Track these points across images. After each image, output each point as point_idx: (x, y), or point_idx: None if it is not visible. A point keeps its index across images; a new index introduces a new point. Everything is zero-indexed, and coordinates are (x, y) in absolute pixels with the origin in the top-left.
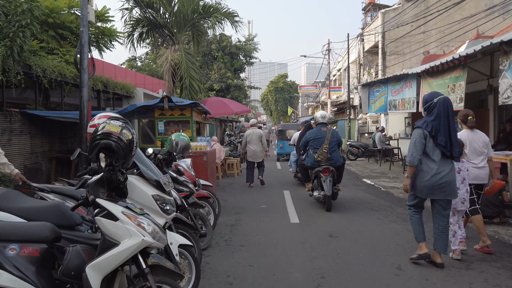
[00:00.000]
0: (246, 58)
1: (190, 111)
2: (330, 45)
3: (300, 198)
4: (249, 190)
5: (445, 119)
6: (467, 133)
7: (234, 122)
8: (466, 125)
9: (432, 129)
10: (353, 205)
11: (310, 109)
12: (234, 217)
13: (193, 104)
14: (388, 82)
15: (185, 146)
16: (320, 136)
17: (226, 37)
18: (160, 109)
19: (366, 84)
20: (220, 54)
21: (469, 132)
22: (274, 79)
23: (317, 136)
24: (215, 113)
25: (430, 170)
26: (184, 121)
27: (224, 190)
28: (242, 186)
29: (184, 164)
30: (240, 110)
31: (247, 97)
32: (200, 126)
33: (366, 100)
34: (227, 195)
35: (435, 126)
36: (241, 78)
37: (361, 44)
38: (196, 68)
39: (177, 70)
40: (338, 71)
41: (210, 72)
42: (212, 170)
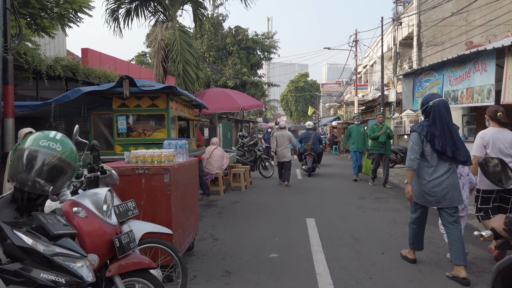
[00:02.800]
0: (264, 53)
1: (165, 100)
2: (357, 35)
3: (333, 233)
4: (256, 216)
5: (441, 124)
6: (493, 132)
7: (251, 123)
8: (495, 122)
9: (427, 133)
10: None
11: (332, 109)
12: (219, 283)
13: (168, 90)
14: (445, 67)
15: (52, 165)
16: (307, 136)
17: (242, 30)
18: (121, 97)
19: (410, 73)
20: (236, 48)
21: (496, 130)
22: (295, 78)
23: (306, 136)
24: (216, 108)
25: (428, 176)
26: (157, 116)
27: (220, 217)
28: (248, 207)
29: (89, 201)
30: (248, 104)
31: (264, 95)
32: (190, 124)
33: (409, 93)
34: (222, 226)
35: (431, 131)
36: (258, 74)
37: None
38: (193, 51)
39: (169, 53)
40: (363, 68)
41: (224, 68)
42: (189, 197)
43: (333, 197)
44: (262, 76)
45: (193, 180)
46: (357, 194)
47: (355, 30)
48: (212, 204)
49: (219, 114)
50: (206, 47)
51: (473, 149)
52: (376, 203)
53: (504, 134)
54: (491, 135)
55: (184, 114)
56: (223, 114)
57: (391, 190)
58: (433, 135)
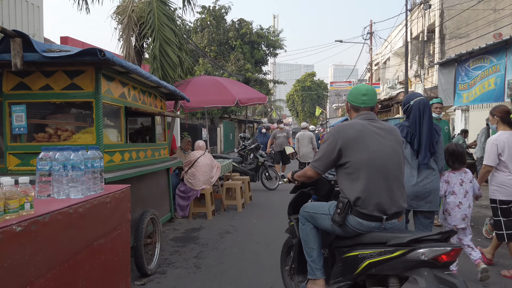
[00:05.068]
0: (270, 48)
1: (94, 78)
2: (372, 27)
3: None
4: (254, 267)
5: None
6: (507, 136)
7: (255, 123)
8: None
9: (407, 134)
10: None
11: (340, 110)
12: None
13: (92, 58)
14: (510, 47)
15: None
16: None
17: (246, 23)
18: (18, 73)
19: (450, 61)
20: (239, 43)
21: (509, 134)
22: (301, 78)
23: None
24: (203, 101)
25: (411, 178)
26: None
27: (197, 267)
28: (243, 243)
29: None
30: (246, 96)
31: (269, 93)
32: (159, 123)
33: (449, 85)
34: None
35: (411, 131)
36: (263, 71)
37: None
38: (176, 27)
39: (143, 30)
40: (375, 66)
41: (226, 63)
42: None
43: None
44: (267, 73)
45: (106, 241)
46: None
47: (370, 21)
48: (191, 237)
49: (219, 114)
50: (207, 41)
51: (485, 157)
52: None
53: None
54: (505, 141)
55: (143, 106)
56: (225, 114)
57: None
58: (413, 134)
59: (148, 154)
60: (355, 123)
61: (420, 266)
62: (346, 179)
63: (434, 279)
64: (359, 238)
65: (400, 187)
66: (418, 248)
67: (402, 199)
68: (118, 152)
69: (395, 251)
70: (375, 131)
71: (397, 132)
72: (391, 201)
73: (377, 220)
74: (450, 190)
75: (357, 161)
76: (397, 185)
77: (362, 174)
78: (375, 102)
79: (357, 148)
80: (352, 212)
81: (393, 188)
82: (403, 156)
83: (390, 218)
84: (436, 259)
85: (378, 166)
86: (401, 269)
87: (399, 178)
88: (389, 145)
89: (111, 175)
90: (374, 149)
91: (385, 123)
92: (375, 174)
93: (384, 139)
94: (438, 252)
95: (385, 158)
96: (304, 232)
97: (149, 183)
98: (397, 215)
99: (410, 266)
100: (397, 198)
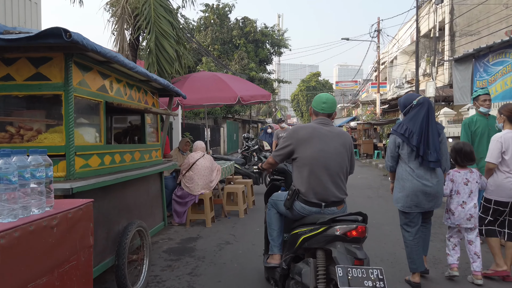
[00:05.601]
0: (274, 47)
1: (62, 67)
2: (380, 24)
3: None
4: (259, 285)
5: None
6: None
7: (259, 123)
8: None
9: (406, 130)
10: None
11: (345, 110)
12: None
13: (56, 40)
14: None
15: None
16: None
17: (250, 22)
18: None
19: (467, 56)
20: (243, 41)
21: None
22: (306, 78)
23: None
24: (201, 99)
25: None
26: (48, 99)
27: (191, 285)
28: (245, 256)
29: None
30: (249, 93)
31: (274, 93)
32: (149, 121)
33: (465, 82)
34: None
35: (410, 127)
36: (268, 71)
37: (436, 10)
38: (174, 19)
39: (138, 21)
40: (382, 65)
41: (230, 62)
42: None
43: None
44: (272, 73)
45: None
46: None
47: (378, 18)
48: (186, 249)
49: (223, 113)
50: (211, 40)
51: (488, 154)
52: None
53: None
54: (510, 140)
55: (128, 102)
56: (228, 114)
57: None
58: (411, 131)
59: (136, 156)
60: (309, 126)
61: (335, 240)
62: (296, 171)
63: (344, 250)
64: (303, 220)
65: (339, 181)
66: (334, 225)
67: (341, 191)
68: (96, 155)
69: (319, 228)
70: (324, 133)
71: (345, 136)
72: (329, 192)
73: (317, 206)
74: (455, 189)
75: (304, 157)
76: (336, 179)
77: (307, 168)
78: (332, 110)
79: (305, 146)
80: (298, 199)
81: (332, 181)
82: (349, 157)
83: (329, 206)
84: (347, 234)
85: (320, 163)
86: (323, 242)
87: (339, 174)
88: (334, 146)
89: (81, 183)
90: (319, 149)
91: (337, 128)
92: (317, 169)
93: (331, 141)
94: (347, 229)
95: (327, 157)
96: (269, 216)
97: (137, 190)
98: (336, 203)
99: (329, 240)
100: (334, 189)
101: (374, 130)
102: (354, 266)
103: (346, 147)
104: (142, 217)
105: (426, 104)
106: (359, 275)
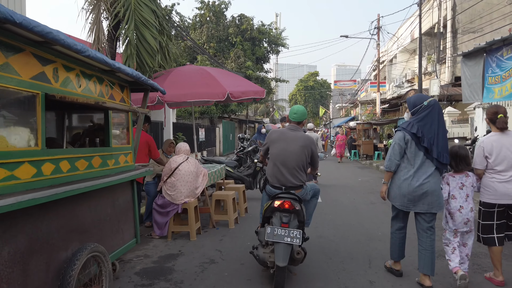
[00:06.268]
0: (271, 45)
1: None
2: (380, 21)
3: None
4: None
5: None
6: (496, 138)
7: (257, 123)
8: (495, 126)
9: (418, 130)
10: None
11: (343, 110)
12: None
13: None
14: None
15: None
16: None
17: (246, 19)
18: None
19: (478, 50)
20: (239, 39)
21: (499, 135)
22: (304, 77)
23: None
24: (185, 95)
25: (406, 176)
26: None
27: None
28: (230, 282)
29: None
30: (240, 89)
31: (271, 92)
32: (129, 119)
33: (476, 79)
34: None
35: (421, 127)
36: (265, 69)
37: (437, 6)
38: (157, 7)
39: (116, 7)
40: (381, 64)
41: (226, 61)
42: None
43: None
44: (269, 71)
45: None
46: None
47: (378, 15)
48: (163, 269)
49: (219, 113)
50: (206, 38)
51: (473, 161)
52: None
53: (510, 139)
54: (492, 143)
55: (79, 95)
56: (224, 113)
57: None
58: (422, 132)
59: (95, 163)
60: (280, 130)
61: (275, 210)
62: (268, 164)
63: (278, 217)
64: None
65: (295, 172)
66: (274, 201)
67: (297, 179)
68: (27, 164)
69: (270, 202)
70: (289, 136)
71: (306, 140)
72: (287, 179)
73: (279, 189)
74: (451, 193)
75: (272, 153)
76: (293, 171)
77: (272, 161)
78: (301, 119)
79: (274, 145)
80: (268, 183)
81: (289, 172)
82: (307, 155)
83: (288, 189)
84: (279, 207)
85: (281, 158)
86: (270, 212)
87: (295, 167)
88: (293, 146)
89: None
90: (282, 148)
91: (301, 133)
92: (278, 162)
93: (292, 142)
94: (279, 203)
95: (286, 154)
96: (263, 198)
97: (96, 204)
98: (294, 188)
99: (272, 210)
100: (291, 178)
101: (374, 131)
102: (280, 227)
103: (305, 148)
104: (104, 237)
105: (436, 107)
106: (282, 233)
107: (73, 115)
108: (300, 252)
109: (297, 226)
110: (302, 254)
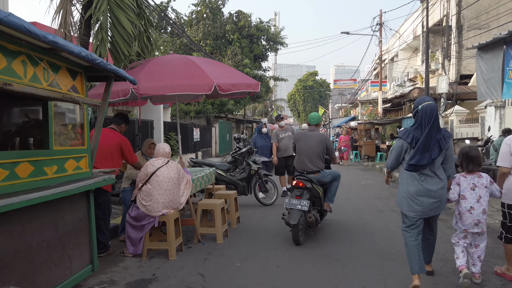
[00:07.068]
0: (270, 43)
1: None
2: (382, 17)
3: None
4: None
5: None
6: None
7: (255, 123)
8: None
9: (413, 139)
10: None
11: (343, 110)
12: None
13: None
14: None
15: None
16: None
17: (244, 15)
18: None
19: (496, 42)
20: (236, 36)
21: None
22: (303, 77)
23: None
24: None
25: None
26: None
27: None
28: None
29: None
30: (230, 81)
31: (270, 91)
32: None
33: (496, 73)
34: None
35: (417, 135)
36: (263, 68)
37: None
38: None
39: None
40: (382, 62)
41: (222, 58)
42: None
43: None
44: (267, 70)
45: None
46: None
47: (380, 11)
48: None
49: (215, 112)
50: (202, 35)
51: (498, 158)
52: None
53: None
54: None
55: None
56: (221, 113)
57: None
58: (418, 139)
59: (22, 171)
60: (303, 132)
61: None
62: (296, 156)
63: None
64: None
65: (314, 161)
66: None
67: (315, 166)
68: None
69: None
70: (309, 135)
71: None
72: (306, 166)
73: (301, 173)
74: (461, 194)
75: (298, 148)
76: (311, 160)
77: (298, 154)
78: (317, 122)
79: (299, 142)
80: (295, 168)
81: (309, 161)
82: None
83: (309, 173)
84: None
85: (304, 151)
86: (292, 189)
87: (313, 156)
88: (312, 142)
89: None
90: (304, 143)
91: (317, 133)
92: (302, 154)
93: (311, 139)
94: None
95: (307, 147)
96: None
97: (22, 229)
98: (313, 172)
99: (293, 187)
100: (309, 165)
101: (376, 131)
102: (294, 199)
103: (320, 142)
104: (35, 271)
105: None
106: (295, 202)
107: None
108: (311, 217)
109: (308, 198)
110: (313, 218)
